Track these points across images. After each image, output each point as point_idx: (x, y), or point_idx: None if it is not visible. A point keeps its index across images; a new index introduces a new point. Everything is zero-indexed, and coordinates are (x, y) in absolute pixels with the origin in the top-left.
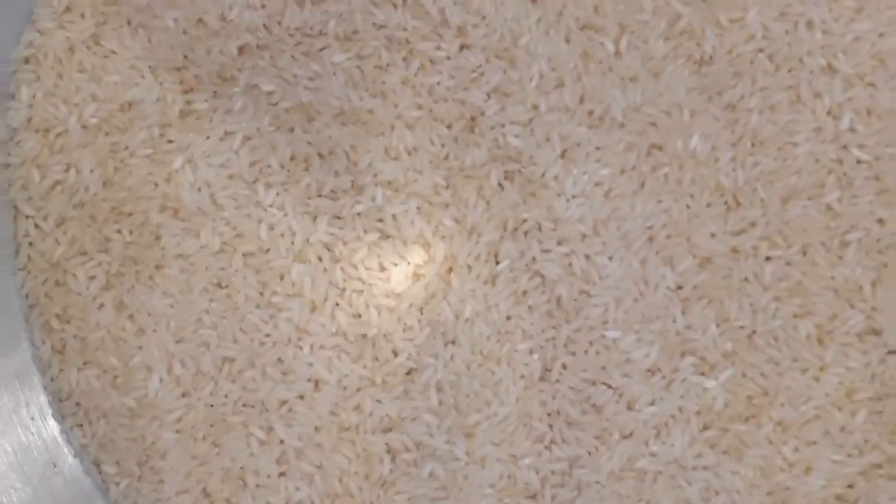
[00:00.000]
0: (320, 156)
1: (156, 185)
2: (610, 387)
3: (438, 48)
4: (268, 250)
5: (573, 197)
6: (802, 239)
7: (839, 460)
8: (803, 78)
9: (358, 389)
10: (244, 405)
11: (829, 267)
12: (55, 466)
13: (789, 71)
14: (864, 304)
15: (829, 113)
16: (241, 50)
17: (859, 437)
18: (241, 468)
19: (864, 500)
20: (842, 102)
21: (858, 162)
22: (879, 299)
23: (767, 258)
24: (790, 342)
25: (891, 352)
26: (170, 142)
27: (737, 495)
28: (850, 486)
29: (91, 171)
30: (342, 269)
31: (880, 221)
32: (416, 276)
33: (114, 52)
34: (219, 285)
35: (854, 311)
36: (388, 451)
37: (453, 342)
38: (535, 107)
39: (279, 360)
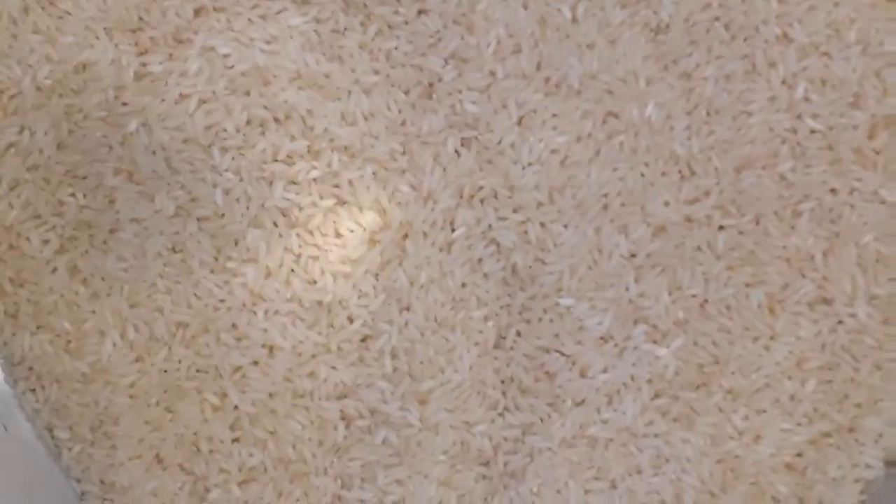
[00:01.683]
0: (276, 120)
1: (110, 147)
2: (563, 354)
3: (396, 13)
4: (223, 215)
5: (529, 164)
6: (755, 208)
7: (788, 429)
8: (758, 47)
9: (312, 356)
10: (198, 371)
11: (781, 236)
12: (6, 430)
13: (745, 40)
14: (815, 273)
15: (783, 82)
16: (197, 12)
17: (809, 406)
18: (195, 434)
19: (813, 468)
20: (796, 72)
21: (812, 132)
22: (831, 269)
23: (720, 227)
24: (742, 311)
25: (840, 321)
26: (124, 104)
27: (687, 462)
28: (799, 455)
29: (45, 133)
30: (298, 234)
31: (833, 191)
32: (372, 243)
33: (68, 13)
34: (173, 250)
35: (805, 281)
36: (343, 418)
37: (408, 309)
38: (493, 73)
39: (233, 325)
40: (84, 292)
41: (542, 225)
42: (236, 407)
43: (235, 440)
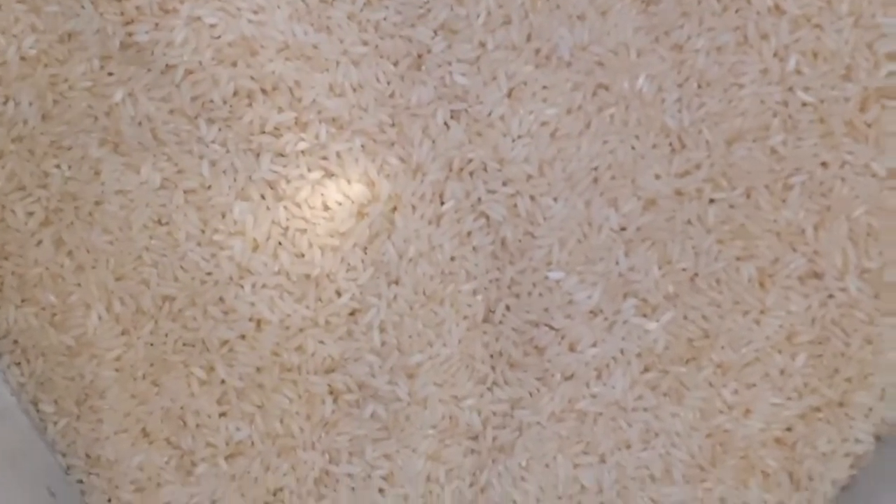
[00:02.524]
0: (263, 91)
1: (96, 118)
2: (552, 328)
3: None
4: (209, 187)
5: (519, 137)
6: (746, 181)
7: (778, 403)
8: (750, 19)
9: (300, 330)
10: (184, 344)
11: (772, 210)
12: None
13: (736, 11)
14: (806, 247)
15: (775, 54)
16: None
17: (799, 381)
18: (182, 408)
19: (803, 442)
20: (788, 44)
21: (803, 104)
22: (821, 243)
23: (711, 200)
24: (732, 285)
25: (831, 295)
26: (110, 74)
27: (676, 437)
28: (789, 429)
29: (30, 103)
30: (285, 207)
31: (824, 164)
32: (361, 216)
33: None
34: (159, 222)
35: (796, 255)
36: (331, 392)
37: (397, 282)
38: (483, 44)
39: (220, 299)
40: (69, 265)
41: (532, 198)
42: (223, 381)
43: (222, 414)
